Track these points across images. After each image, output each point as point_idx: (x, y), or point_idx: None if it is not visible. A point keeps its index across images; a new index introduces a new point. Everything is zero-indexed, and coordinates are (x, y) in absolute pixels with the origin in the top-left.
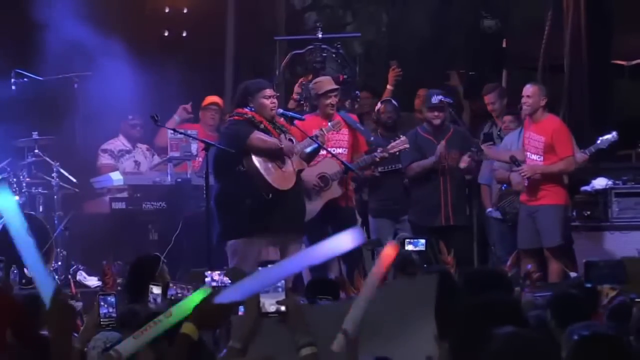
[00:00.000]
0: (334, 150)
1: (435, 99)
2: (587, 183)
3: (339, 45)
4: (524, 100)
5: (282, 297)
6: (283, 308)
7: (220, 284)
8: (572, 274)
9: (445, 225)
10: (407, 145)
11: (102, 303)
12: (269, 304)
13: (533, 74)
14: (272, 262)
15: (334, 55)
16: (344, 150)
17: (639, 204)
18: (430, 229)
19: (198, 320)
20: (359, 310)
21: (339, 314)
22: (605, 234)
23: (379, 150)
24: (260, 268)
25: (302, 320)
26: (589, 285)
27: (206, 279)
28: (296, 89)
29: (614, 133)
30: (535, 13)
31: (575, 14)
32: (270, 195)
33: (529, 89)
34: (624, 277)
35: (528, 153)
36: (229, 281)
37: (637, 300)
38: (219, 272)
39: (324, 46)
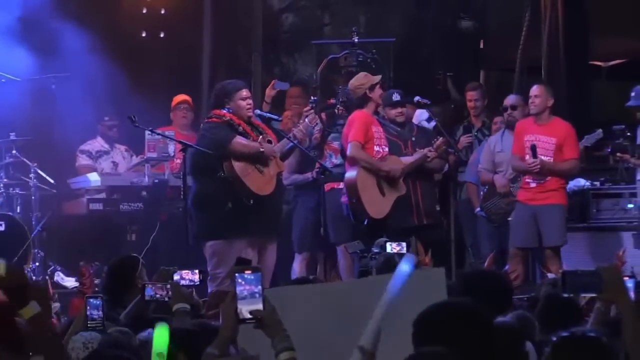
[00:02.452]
0: (379, 148)
1: (396, 97)
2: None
3: (374, 51)
4: (531, 100)
5: (259, 303)
6: (260, 314)
7: (190, 283)
8: (551, 275)
9: (419, 224)
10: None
11: (88, 305)
12: (246, 311)
13: (510, 75)
14: (249, 261)
15: (368, 60)
16: (386, 149)
17: (617, 205)
18: (404, 229)
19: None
20: (375, 325)
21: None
22: (583, 235)
23: (426, 149)
24: (237, 275)
25: (279, 326)
26: (565, 295)
27: (175, 277)
28: (268, 91)
29: (599, 131)
30: (512, 14)
31: (553, 16)
32: (252, 201)
33: (535, 89)
34: (601, 286)
35: (529, 155)
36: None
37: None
38: (188, 270)
39: (359, 51)
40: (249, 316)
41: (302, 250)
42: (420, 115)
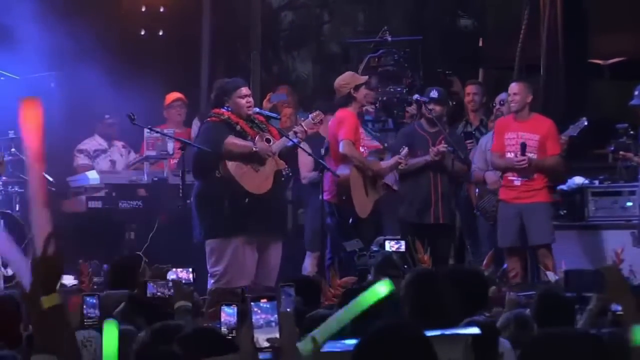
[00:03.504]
0: (363, 149)
1: (434, 93)
2: (564, 182)
3: (407, 50)
4: (510, 98)
5: (275, 332)
6: (277, 343)
7: (184, 282)
8: (550, 275)
9: (434, 223)
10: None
11: (85, 304)
12: (263, 339)
13: (509, 73)
14: (264, 296)
15: (401, 60)
16: (367, 150)
17: (615, 203)
18: (417, 226)
19: (43, 286)
20: (333, 322)
21: None
22: (581, 233)
23: (396, 157)
24: (252, 304)
25: (296, 354)
26: (568, 294)
27: (171, 276)
28: (265, 104)
29: (584, 119)
30: (511, 13)
31: (552, 14)
32: (247, 200)
33: (515, 87)
34: (603, 285)
35: (510, 153)
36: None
37: (618, 312)
38: (183, 269)
39: (394, 50)
40: (266, 345)
41: (313, 249)
42: None
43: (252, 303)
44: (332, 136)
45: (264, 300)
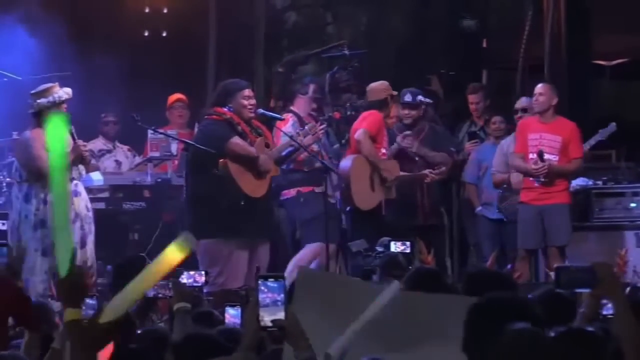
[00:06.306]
0: (384, 150)
1: (408, 97)
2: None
3: (357, 64)
4: (535, 98)
5: (281, 311)
6: (282, 323)
7: (195, 284)
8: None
9: (424, 224)
10: None
11: (84, 306)
12: (269, 318)
13: (513, 74)
14: (271, 275)
15: (352, 73)
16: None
17: (619, 204)
18: (408, 228)
19: (68, 298)
20: (348, 337)
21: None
22: (585, 235)
23: (427, 170)
24: (260, 282)
25: (301, 335)
26: (559, 290)
27: (183, 279)
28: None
29: (613, 124)
30: (515, 13)
31: (555, 15)
32: (243, 202)
33: (540, 88)
34: (595, 281)
35: (533, 154)
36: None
37: (609, 315)
38: (195, 272)
39: (346, 64)
40: (271, 324)
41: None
42: None
43: (259, 281)
44: (353, 133)
45: (272, 279)
